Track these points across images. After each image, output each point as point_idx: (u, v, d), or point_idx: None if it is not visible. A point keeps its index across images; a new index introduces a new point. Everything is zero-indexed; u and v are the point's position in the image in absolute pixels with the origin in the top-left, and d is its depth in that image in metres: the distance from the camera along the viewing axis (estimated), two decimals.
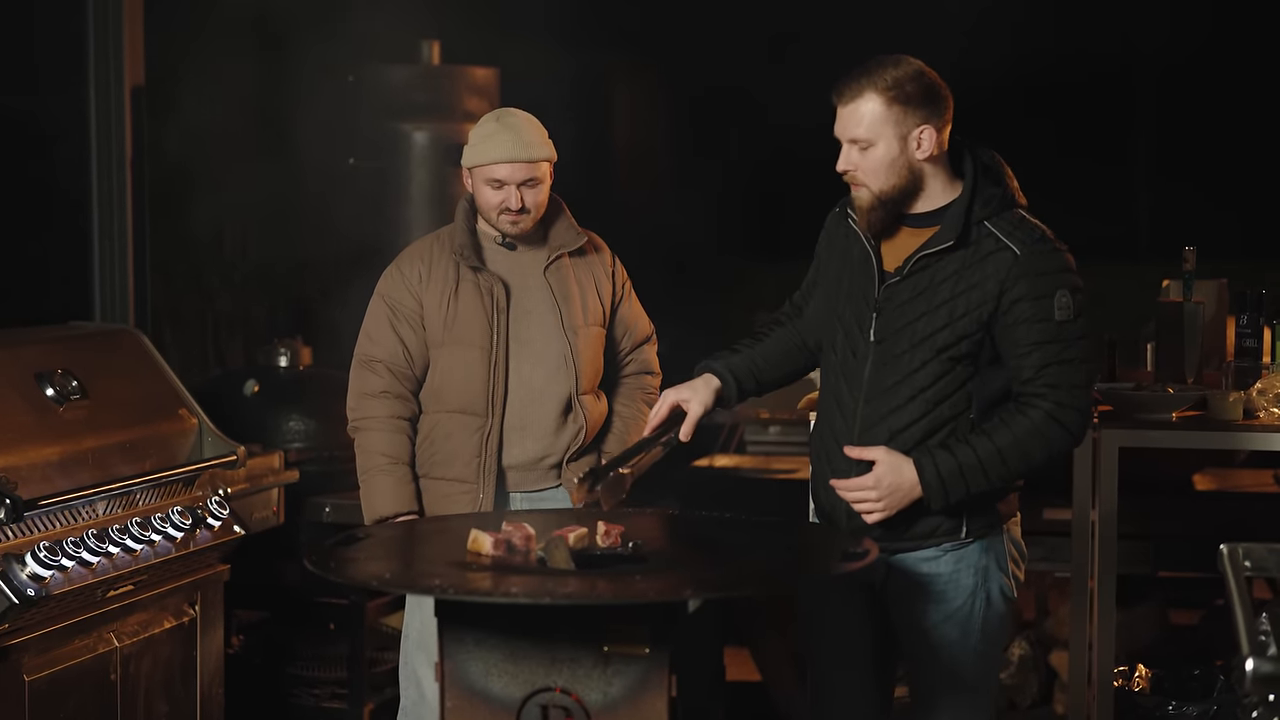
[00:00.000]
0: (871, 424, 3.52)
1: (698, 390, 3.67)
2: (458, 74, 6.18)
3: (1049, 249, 3.45)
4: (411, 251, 4.18)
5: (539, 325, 4.10)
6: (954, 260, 3.45)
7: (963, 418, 3.49)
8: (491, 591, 3.10)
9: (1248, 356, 4.77)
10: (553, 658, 3.22)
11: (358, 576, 3.33)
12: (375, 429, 4.09)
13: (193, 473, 4.48)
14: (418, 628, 4.11)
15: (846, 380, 3.57)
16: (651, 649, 3.19)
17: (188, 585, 4.41)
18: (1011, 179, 3.53)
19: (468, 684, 3.28)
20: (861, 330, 3.54)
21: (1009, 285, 3.42)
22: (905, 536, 3.55)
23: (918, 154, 3.44)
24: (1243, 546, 3.16)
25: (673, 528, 3.71)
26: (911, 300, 3.48)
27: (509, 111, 4.12)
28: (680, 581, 3.20)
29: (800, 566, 3.44)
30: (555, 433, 4.11)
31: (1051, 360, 3.42)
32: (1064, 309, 3.42)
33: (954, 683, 3.62)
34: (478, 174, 4.06)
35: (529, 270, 4.14)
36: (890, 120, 3.41)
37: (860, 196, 3.49)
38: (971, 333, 3.44)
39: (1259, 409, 4.57)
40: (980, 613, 3.59)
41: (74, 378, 4.29)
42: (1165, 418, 4.62)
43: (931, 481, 3.42)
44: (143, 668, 4.24)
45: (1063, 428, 3.44)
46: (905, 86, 3.41)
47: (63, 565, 3.89)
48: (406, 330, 4.09)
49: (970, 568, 3.57)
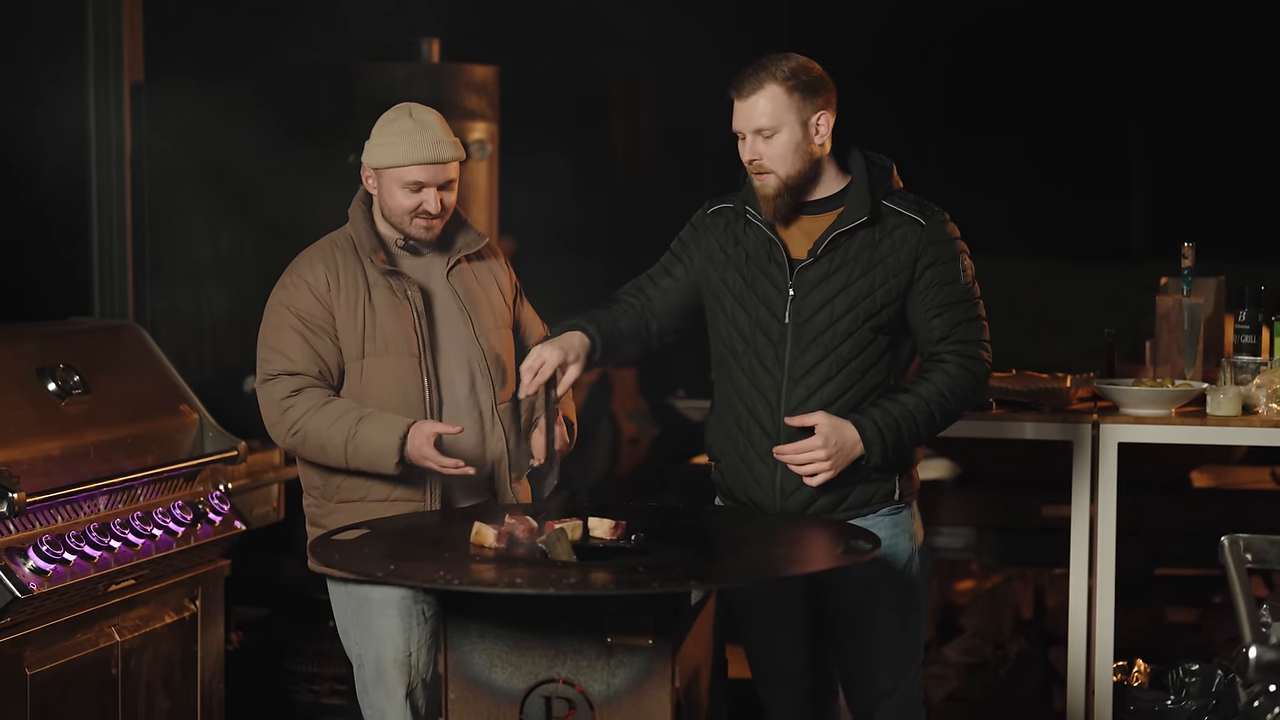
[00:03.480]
0: (799, 402, 3.67)
1: (578, 352, 3.66)
2: (457, 72, 6.19)
3: (944, 219, 3.71)
4: (310, 258, 3.86)
5: (452, 331, 3.87)
6: (862, 237, 3.66)
7: (884, 385, 3.69)
8: (496, 583, 3.11)
9: (1246, 353, 4.78)
10: (556, 649, 3.24)
11: (360, 570, 3.34)
12: (313, 414, 3.74)
13: (194, 468, 4.48)
14: (373, 661, 3.85)
15: (763, 365, 3.70)
16: (655, 641, 3.20)
17: (188, 580, 4.41)
18: (893, 167, 3.75)
19: (471, 676, 3.29)
20: (775, 314, 3.68)
21: (921, 253, 3.66)
22: (845, 505, 3.69)
23: (816, 139, 3.64)
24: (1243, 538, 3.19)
25: (674, 521, 3.72)
26: (827, 279, 3.66)
27: (419, 108, 3.83)
28: (683, 573, 3.21)
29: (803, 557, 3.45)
30: (483, 443, 3.87)
31: (961, 319, 3.68)
32: (964, 271, 3.70)
33: (896, 644, 3.80)
34: (390, 175, 3.77)
35: (433, 274, 3.89)
36: (791, 107, 3.62)
37: (766, 184, 3.66)
38: (891, 301, 3.66)
39: (1257, 405, 4.59)
40: (916, 573, 3.80)
41: (75, 372, 4.29)
42: (1163, 413, 4.63)
43: (871, 436, 3.60)
44: (144, 662, 4.24)
45: (974, 376, 3.69)
46: (800, 76, 3.63)
47: (64, 559, 3.89)
48: (321, 343, 3.79)
49: (905, 533, 3.77)
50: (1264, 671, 2.55)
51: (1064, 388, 4.75)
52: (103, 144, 5.59)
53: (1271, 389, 4.54)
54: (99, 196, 5.58)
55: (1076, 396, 4.83)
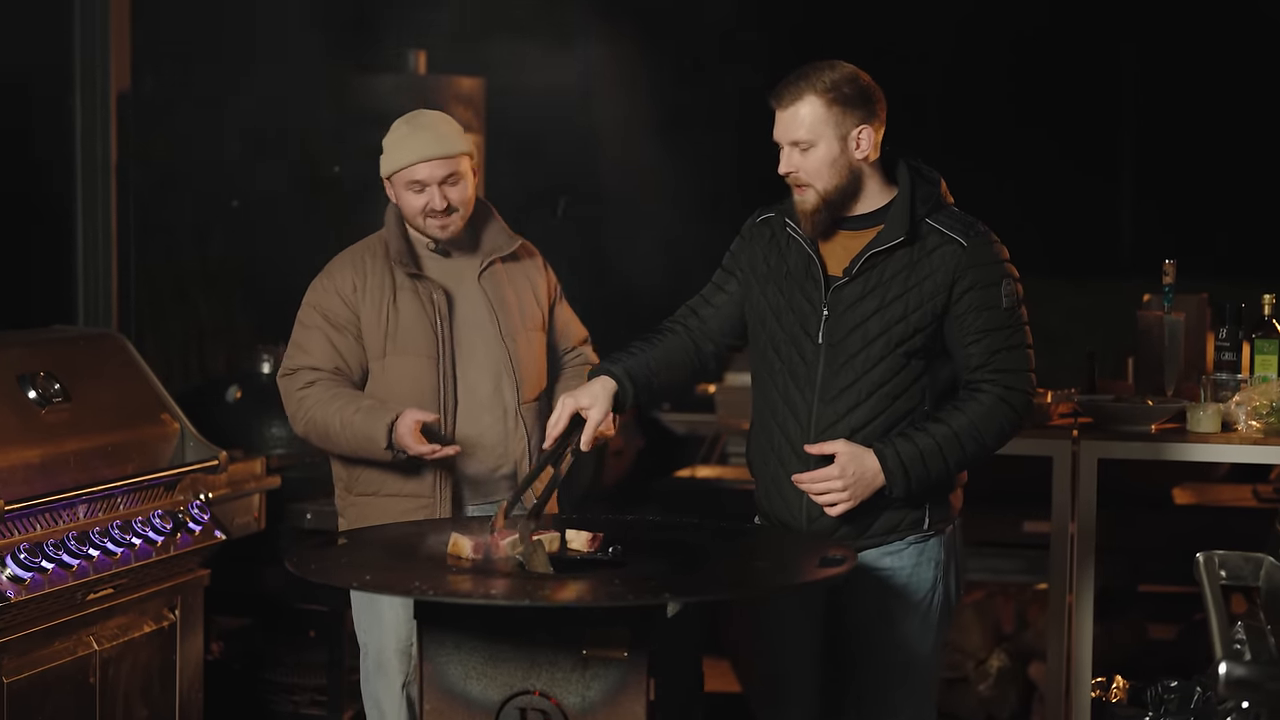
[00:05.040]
0: (829, 424, 3.56)
1: (597, 396, 3.59)
2: (444, 83, 6.20)
3: (989, 240, 3.56)
4: (341, 261, 4.04)
5: (479, 332, 3.99)
6: (900, 257, 3.53)
7: (918, 411, 3.56)
8: (471, 593, 3.11)
9: (1226, 370, 4.79)
10: (531, 661, 3.24)
11: (338, 578, 3.34)
12: (320, 401, 3.91)
13: (174, 477, 4.48)
14: (376, 649, 4.03)
15: (796, 385, 3.60)
16: (630, 653, 3.20)
17: (168, 589, 4.41)
18: (941, 181, 3.62)
19: (447, 686, 3.29)
20: (809, 334, 3.58)
21: (959, 276, 3.52)
22: (870, 533, 3.60)
23: (857, 154, 3.52)
24: (1218, 555, 3.21)
25: (653, 534, 3.72)
26: (861, 299, 3.54)
27: (419, 113, 3.99)
28: (659, 585, 3.21)
29: (778, 572, 3.45)
30: (505, 442, 3.99)
31: (1000, 346, 3.54)
32: (1009, 296, 3.54)
33: (910, 676, 3.69)
34: (397, 181, 3.93)
35: (464, 277, 4.02)
36: (830, 121, 3.49)
37: (805, 199, 3.55)
38: (926, 325, 3.52)
39: (1236, 422, 4.60)
40: (939, 606, 3.68)
41: (56, 380, 4.29)
42: (1144, 430, 4.64)
43: (894, 468, 3.48)
44: (122, 671, 4.24)
45: (1012, 409, 3.55)
46: (843, 88, 3.50)
47: (42, 567, 3.89)
48: (343, 340, 3.96)
49: (930, 561, 3.65)
50: (1234, 687, 2.55)
51: (1044, 403, 4.75)
52: (88, 152, 5.59)
53: (1251, 406, 4.55)
54: (84, 205, 5.58)
55: (1057, 412, 4.84)
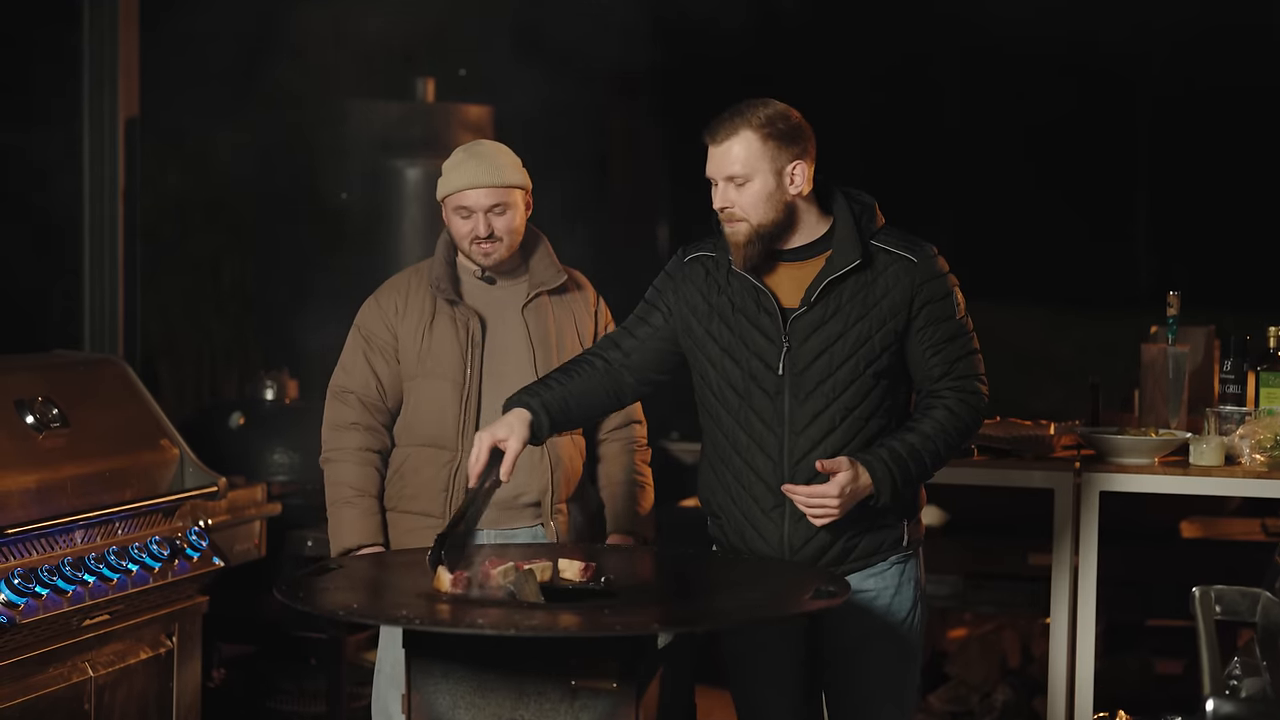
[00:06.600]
0: (803, 455, 3.58)
1: (514, 428, 3.57)
2: (451, 111, 6.21)
3: (934, 253, 3.64)
4: (391, 284, 4.16)
5: (513, 362, 4.04)
6: (854, 281, 3.58)
7: (888, 431, 3.61)
8: (458, 623, 3.09)
9: (1231, 403, 4.76)
10: (520, 691, 3.21)
11: (326, 606, 3.32)
12: (344, 460, 4.06)
13: (173, 503, 4.47)
14: (391, 662, 4.07)
15: (762, 419, 3.60)
16: (619, 684, 3.18)
17: (165, 616, 4.40)
18: (875, 203, 3.67)
19: (435, 716, 3.26)
20: (769, 367, 3.59)
21: (916, 291, 3.59)
22: (854, 556, 3.64)
23: (791, 189, 3.57)
24: (1215, 590, 3.19)
25: (645, 563, 3.69)
26: (821, 326, 3.57)
27: (478, 141, 4.12)
28: (648, 616, 3.19)
29: (771, 603, 3.42)
30: (528, 471, 3.99)
31: (958, 355, 3.63)
32: (959, 305, 3.64)
33: (890, 696, 3.71)
34: (448, 204, 4.03)
35: (507, 306, 4.09)
36: (765, 156, 3.54)
37: (737, 231, 3.57)
38: (890, 344, 3.59)
39: (1240, 455, 4.57)
40: (918, 626, 3.73)
41: (55, 406, 4.28)
42: (1146, 463, 4.61)
43: (882, 476, 3.52)
44: (117, 698, 4.22)
45: (973, 409, 3.64)
46: (777, 124, 3.55)
47: (37, 593, 3.88)
48: (380, 362, 4.07)
49: (911, 580, 3.71)
50: None
51: (1047, 435, 4.73)
52: (96, 177, 5.61)
53: (1255, 439, 4.52)
54: (90, 229, 5.60)
55: (1060, 444, 4.81)
